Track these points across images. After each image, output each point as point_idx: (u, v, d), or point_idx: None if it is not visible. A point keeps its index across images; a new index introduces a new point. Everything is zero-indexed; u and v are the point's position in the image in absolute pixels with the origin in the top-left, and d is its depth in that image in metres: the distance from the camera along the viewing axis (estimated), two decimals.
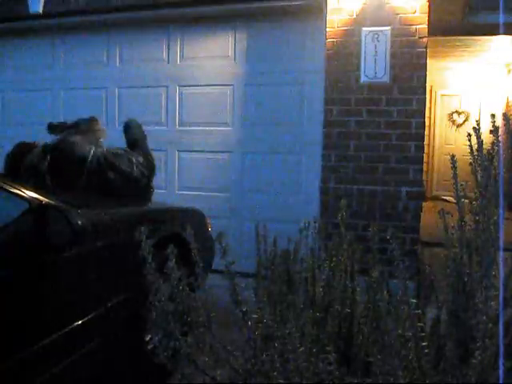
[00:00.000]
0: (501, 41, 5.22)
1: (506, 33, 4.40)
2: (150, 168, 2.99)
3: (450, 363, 1.12)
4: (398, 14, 3.47)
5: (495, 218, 1.17)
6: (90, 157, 2.70)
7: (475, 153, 1.26)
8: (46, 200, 1.71)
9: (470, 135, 1.28)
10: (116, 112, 4.49)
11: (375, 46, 3.52)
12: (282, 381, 1.10)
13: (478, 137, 1.25)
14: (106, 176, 2.67)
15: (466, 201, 1.30)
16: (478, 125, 1.28)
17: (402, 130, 3.51)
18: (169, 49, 4.32)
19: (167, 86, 4.33)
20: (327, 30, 3.62)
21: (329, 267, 1.49)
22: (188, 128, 4.28)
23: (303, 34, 3.93)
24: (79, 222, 1.76)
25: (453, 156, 1.34)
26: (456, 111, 7.74)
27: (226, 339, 1.30)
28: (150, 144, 4.36)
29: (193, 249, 1.31)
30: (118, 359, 2.10)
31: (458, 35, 4.88)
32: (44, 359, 1.69)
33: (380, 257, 1.51)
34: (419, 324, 1.10)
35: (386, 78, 3.52)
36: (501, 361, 0.99)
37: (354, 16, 3.56)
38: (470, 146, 1.28)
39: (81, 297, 1.89)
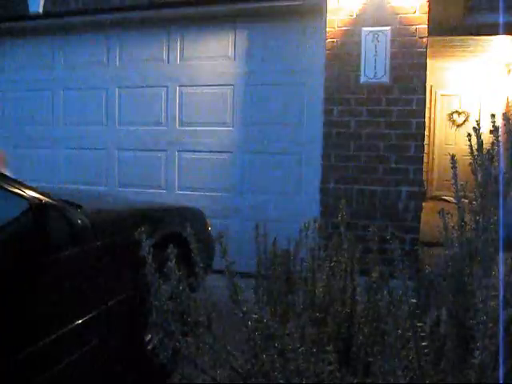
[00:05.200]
0: (501, 41, 5.22)
1: (506, 33, 4.39)
2: None
3: (450, 363, 1.12)
4: (397, 14, 3.47)
5: (495, 217, 1.17)
6: None
7: (475, 153, 1.26)
8: (46, 199, 1.71)
9: (469, 135, 1.28)
10: (116, 112, 4.49)
11: (375, 46, 3.52)
12: (281, 381, 1.10)
13: (478, 137, 1.25)
14: None
15: (466, 201, 1.30)
16: (478, 125, 1.28)
17: (402, 130, 3.51)
18: (169, 49, 4.32)
19: (167, 86, 4.32)
20: (327, 29, 3.62)
21: (329, 267, 1.49)
22: (188, 128, 4.28)
23: (303, 34, 3.93)
24: (79, 221, 1.76)
25: (453, 156, 1.34)
26: (456, 111, 7.75)
27: (226, 339, 1.30)
28: (151, 144, 4.38)
29: (193, 248, 1.31)
30: (118, 359, 2.10)
31: (458, 35, 4.88)
32: (44, 359, 1.69)
33: (380, 257, 1.51)
34: (419, 324, 1.10)
35: (386, 78, 3.52)
36: (501, 361, 0.99)
37: (354, 16, 3.56)
38: (470, 145, 1.28)
39: (81, 296, 1.89)
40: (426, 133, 6.75)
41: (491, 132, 1.26)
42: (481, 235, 1.16)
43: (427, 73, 3.51)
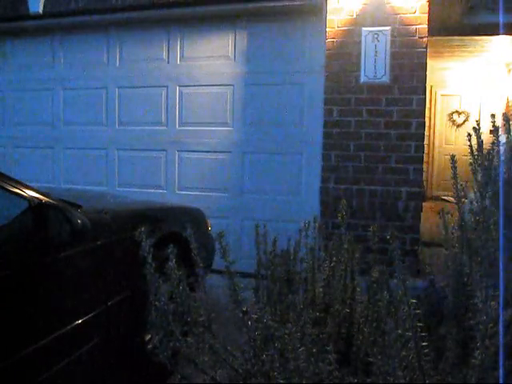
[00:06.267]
0: (501, 41, 5.22)
1: (506, 33, 4.40)
2: None
3: (449, 363, 1.12)
4: (397, 14, 3.47)
5: (495, 218, 1.17)
6: None
7: (475, 153, 1.26)
8: (46, 199, 1.71)
9: (470, 135, 1.28)
10: (116, 112, 4.49)
11: (375, 45, 3.52)
12: (281, 381, 1.10)
13: (478, 137, 1.25)
14: None
15: (466, 201, 1.30)
16: (478, 125, 1.28)
17: (402, 130, 3.51)
18: (169, 49, 4.32)
19: (167, 86, 4.32)
20: (327, 29, 3.62)
21: (329, 267, 1.49)
22: (188, 128, 4.28)
23: (303, 34, 3.93)
24: (79, 221, 1.76)
25: (453, 156, 1.34)
26: (456, 111, 7.75)
27: (226, 339, 1.30)
28: (151, 144, 4.38)
29: (193, 248, 1.31)
30: (118, 359, 2.10)
31: (458, 35, 4.88)
32: (44, 359, 1.69)
33: (380, 257, 1.51)
34: (419, 324, 1.10)
35: (386, 78, 3.52)
36: (501, 361, 0.99)
37: (354, 16, 3.56)
38: (470, 145, 1.28)
39: (81, 296, 1.89)
40: (426, 133, 6.76)
41: (491, 132, 1.26)
42: (481, 235, 1.16)
43: (427, 73, 3.51)
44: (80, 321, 1.84)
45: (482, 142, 1.25)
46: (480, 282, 1.07)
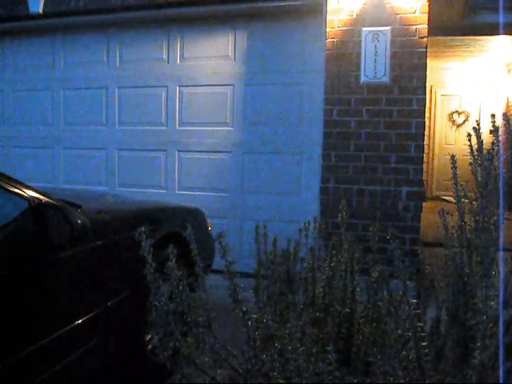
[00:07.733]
0: (501, 41, 5.22)
1: (506, 33, 4.40)
2: None
3: (449, 363, 1.12)
4: (397, 14, 3.47)
5: (495, 218, 1.17)
6: None
7: (475, 153, 1.26)
8: (46, 199, 1.71)
9: (469, 135, 1.28)
10: (116, 112, 4.49)
11: (375, 45, 3.52)
12: (281, 381, 1.10)
13: (478, 137, 1.25)
14: None
15: (466, 201, 1.30)
16: (478, 125, 1.28)
17: (402, 130, 3.51)
18: (169, 49, 4.32)
19: (167, 86, 4.33)
20: (327, 30, 3.62)
21: (329, 267, 1.49)
22: (188, 128, 4.28)
23: (303, 34, 3.93)
24: (79, 221, 1.76)
25: (453, 156, 1.34)
26: (456, 111, 7.75)
27: (226, 339, 1.30)
28: (151, 144, 4.38)
29: (193, 248, 1.31)
30: (118, 359, 2.10)
31: (458, 35, 4.89)
32: (44, 359, 1.69)
33: (380, 257, 1.51)
34: (419, 324, 1.10)
35: (386, 78, 3.52)
36: (501, 361, 0.99)
37: (354, 16, 3.56)
38: (470, 145, 1.28)
39: (80, 296, 1.90)
40: (426, 133, 6.76)
41: (491, 132, 1.26)
42: (481, 235, 1.16)
43: (427, 73, 3.51)
44: (80, 321, 1.84)
45: (482, 142, 1.25)
46: (480, 281, 1.07)
